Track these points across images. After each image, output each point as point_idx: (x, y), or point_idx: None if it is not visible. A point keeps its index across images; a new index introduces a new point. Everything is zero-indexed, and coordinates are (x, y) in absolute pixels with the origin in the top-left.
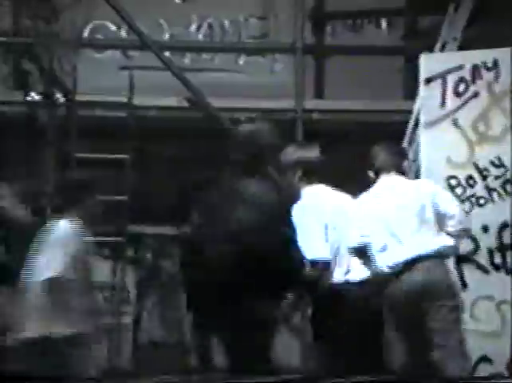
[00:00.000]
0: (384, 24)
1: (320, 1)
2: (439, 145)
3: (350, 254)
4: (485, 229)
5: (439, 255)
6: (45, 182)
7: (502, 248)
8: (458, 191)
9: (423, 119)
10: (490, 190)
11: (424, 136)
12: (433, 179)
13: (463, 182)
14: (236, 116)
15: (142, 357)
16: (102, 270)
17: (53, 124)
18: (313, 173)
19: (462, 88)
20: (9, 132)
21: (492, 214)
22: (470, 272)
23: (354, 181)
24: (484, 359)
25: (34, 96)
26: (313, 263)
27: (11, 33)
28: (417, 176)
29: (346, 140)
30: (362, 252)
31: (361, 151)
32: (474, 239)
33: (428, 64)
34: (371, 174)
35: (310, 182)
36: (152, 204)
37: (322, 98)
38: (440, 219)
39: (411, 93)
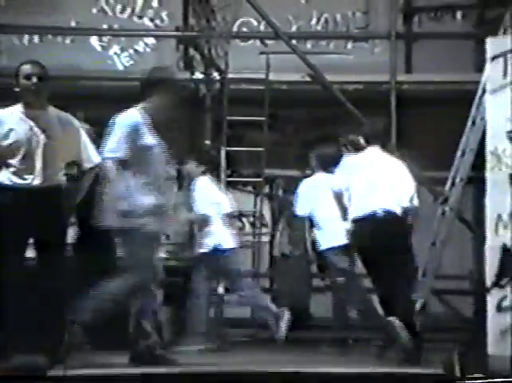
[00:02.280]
0: (459, 15)
1: None
2: (501, 107)
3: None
4: None
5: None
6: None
7: None
8: None
9: (489, 87)
10: None
11: (490, 101)
12: (497, 134)
13: None
14: (345, 87)
15: (275, 266)
16: (247, 202)
17: (211, 95)
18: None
19: None
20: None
21: None
22: None
23: (436, 137)
24: None
25: (197, 74)
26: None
27: (182, 29)
28: (484, 132)
29: (429, 105)
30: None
31: (441, 113)
32: None
33: (493, 45)
34: (361, 141)
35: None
36: (283, 153)
37: (410, 73)
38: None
39: (480, 68)
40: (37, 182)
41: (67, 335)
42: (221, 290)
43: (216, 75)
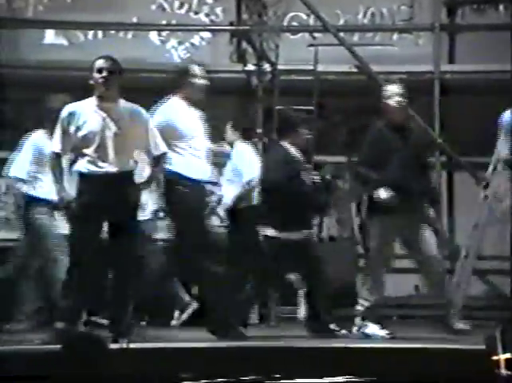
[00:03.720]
0: (501, 7)
1: None
2: None
3: None
4: None
5: None
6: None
7: None
8: None
9: None
10: None
11: None
12: None
13: None
14: (390, 77)
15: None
16: None
17: (262, 86)
18: None
19: None
20: (233, 92)
21: None
22: None
23: (478, 124)
24: None
25: (250, 66)
26: None
27: (235, 24)
28: None
29: (471, 93)
30: None
31: (482, 101)
32: None
33: None
34: None
35: None
36: (331, 141)
37: (453, 63)
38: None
39: None
40: (110, 169)
41: (130, 310)
42: None
43: (267, 67)
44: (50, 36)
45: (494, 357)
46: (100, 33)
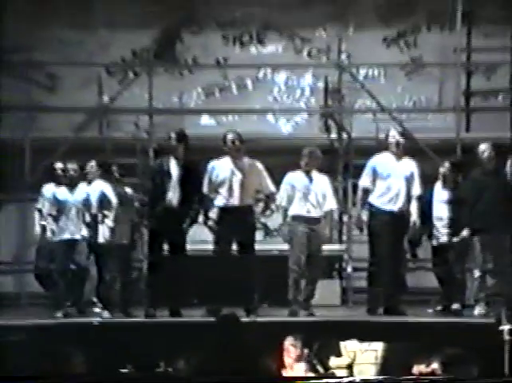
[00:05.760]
0: (500, 97)
1: None
2: None
3: None
4: None
5: None
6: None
7: None
8: None
9: None
10: None
11: None
12: None
13: None
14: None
15: None
16: None
17: (342, 149)
18: None
19: None
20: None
21: None
22: None
23: None
24: None
25: (333, 135)
26: None
27: (322, 107)
28: None
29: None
30: None
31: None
32: None
33: None
34: None
35: None
36: None
37: (469, 131)
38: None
39: None
40: (235, 202)
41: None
42: None
43: (345, 135)
44: (205, 119)
45: (501, 327)
46: (236, 116)
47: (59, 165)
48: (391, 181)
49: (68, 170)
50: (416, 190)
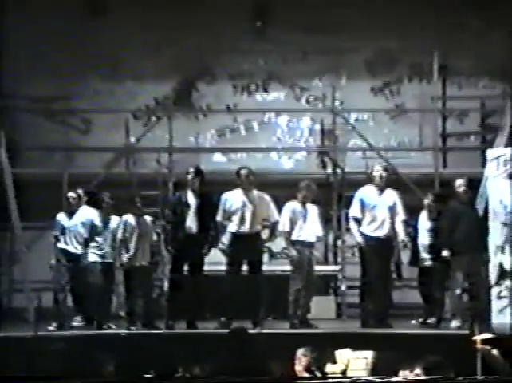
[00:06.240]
0: (472, 138)
1: None
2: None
3: None
4: None
5: None
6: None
7: None
8: None
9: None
10: None
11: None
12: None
13: None
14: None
15: None
16: None
17: (336, 181)
18: None
19: None
20: (319, 185)
21: None
22: None
23: None
24: None
25: (329, 170)
26: None
27: (320, 147)
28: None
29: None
30: None
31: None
32: None
33: (490, 153)
34: None
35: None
36: None
37: (446, 168)
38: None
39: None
40: (246, 229)
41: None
42: None
43: (339, 171)
44: (218, 156)
45: (474, 338)
46: (244, 154)
47: (106, 196)
48: (376, 211)
49: (105, 201)
50: (401, 216)
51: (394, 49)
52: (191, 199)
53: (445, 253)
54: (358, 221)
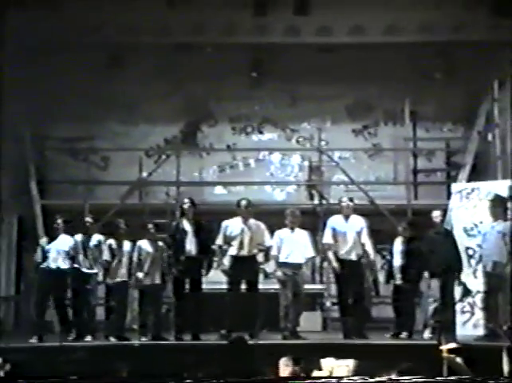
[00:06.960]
0: (443, 174)
1: None
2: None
3: None
4: None
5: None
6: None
7: None
8: None
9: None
10: None
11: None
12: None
13: None
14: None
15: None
16: None
17: (322, 210)
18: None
19: None
20: (308, 214)
21: None
22: None
23: None
24: None
25: (315, 201)
26: None
27: (306, 182)
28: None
29: (427, 216)
30: None
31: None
32: None
33: (455, 187)
34: None
35: None
36: None
37: (417, 199)
38: None
39: (449, 197)
40: (244, 252)
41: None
42: None
43: (324, 202)
44: (219, 189)
45: (440, 347)
46: (242, 187)
47: (121, 223)
48: (346, 236)
49: (120, 227)
50: (365, 238)
51: (371, 97)
52: (187, 225)
53: (425, 274)
54: (331, 246)
